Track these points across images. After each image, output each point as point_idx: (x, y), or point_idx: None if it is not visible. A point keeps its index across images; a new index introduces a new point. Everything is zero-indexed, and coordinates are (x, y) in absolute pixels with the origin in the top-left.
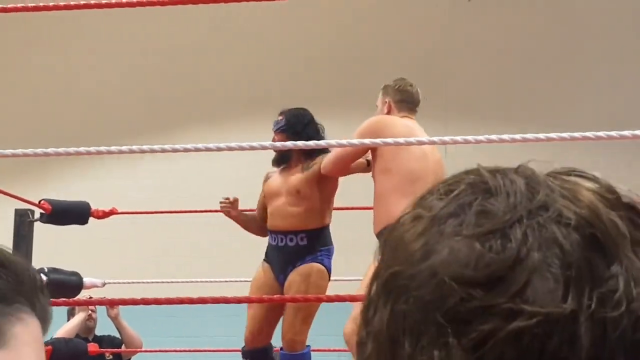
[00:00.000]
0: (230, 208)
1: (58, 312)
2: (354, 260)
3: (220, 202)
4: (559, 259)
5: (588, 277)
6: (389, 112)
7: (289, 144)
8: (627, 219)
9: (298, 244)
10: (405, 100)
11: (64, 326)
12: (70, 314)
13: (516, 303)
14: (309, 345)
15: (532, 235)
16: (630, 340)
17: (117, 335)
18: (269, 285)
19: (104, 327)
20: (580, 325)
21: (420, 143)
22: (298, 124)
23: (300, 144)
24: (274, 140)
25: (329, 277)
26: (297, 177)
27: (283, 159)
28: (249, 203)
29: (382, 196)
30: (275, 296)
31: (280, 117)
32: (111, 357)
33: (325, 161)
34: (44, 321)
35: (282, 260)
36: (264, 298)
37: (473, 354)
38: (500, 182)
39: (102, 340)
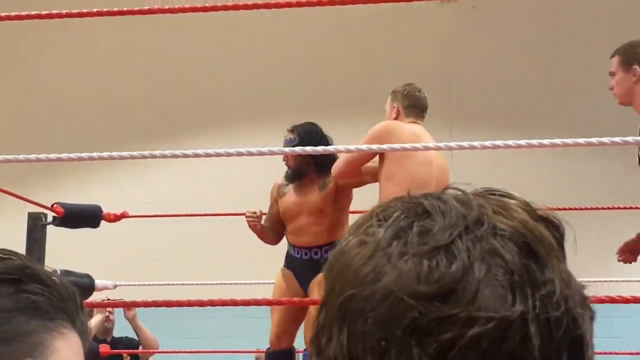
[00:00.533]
0: (257, 222)
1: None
2: None
3: (247, 216)
4: (502, 268)
5: (528, 281)
6: (397, 117)
7: (298, 149)
8: (549, 230)
9: (322, 256)
10: (413, 105)
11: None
12: (89, 316)
13: (471, 311)
14: None
15: (473, 248)
16: (571, 337)
17: (135, 336)
18: (292, 291)
19: (122, 329)
20: (529, 326)
21: (427, 148)
22: (311, 140)
23: (309, 149)
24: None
25: None
26: (315, 195)
27: (298, 175)
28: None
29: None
30: (295, 299)
31: (292, 135)
32: (129, 358)
33: (335, 166)
34: (84, 336)
35: (307, 271)
36: (282, 300)
37: None
38: (433, 203)
39: (120, 342)
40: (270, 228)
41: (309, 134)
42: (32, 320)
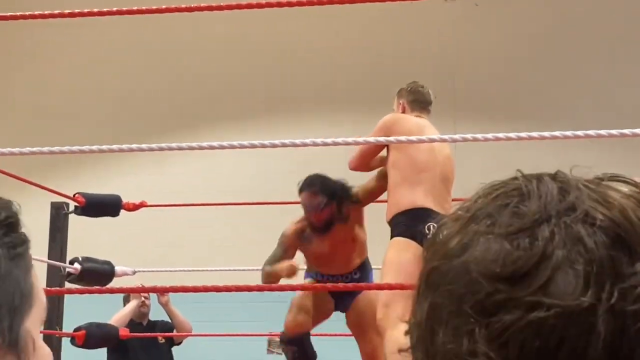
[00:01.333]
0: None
1: (113, 298)
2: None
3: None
4: (582, 257)
5: (610, 273)
6: (403, 112)
7: (308, 141)
8: None
9: (352, 279)
10: (417, 100)
11: (119, 312)
12: (126, 301)
13: (537, 296)
14: None
15: (558, 234)
16: (627, 334)
17: (169, 320)
18: (320, 297)
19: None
20: (598, 318)
21: (431, 141)
22: (334, 189)
23: (330, 141)
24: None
25: None
26: (343, 229)
27: (328, 227)
28: (270, 196)
29: (392, 188)
30: (338, 284)
31: (318, 197)
32: (164, 340)
33: (350, 159)
34: None
35: (338, 293)
36: (317, 286)
37: (495, 342)
38: (534, 186)
39: (156, 325)
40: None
41: (328, 185)
42: None
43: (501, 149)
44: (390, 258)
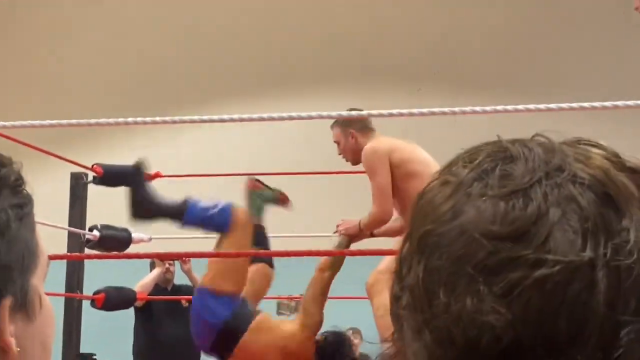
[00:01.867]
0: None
1: (130, 263)
2: None
3: None
4: (577, 214)
5: (603, 229)
6: (355, 141)
7: (314, 114)
8: (632, 180)
9: None
10: (363, 123)
11: (144, 278)
12: (152, 266)
13: (540, 253)
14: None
15: (551, 194)
16: (623, 287)
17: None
18: None
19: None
20: (597, 272)
21: (432, 113)
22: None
23: (335, 114)
24: None
25: None
26: None
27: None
28: (275, 166)
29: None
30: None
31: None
32: (187, 304)
33: (377, 209)
34: None
35: None
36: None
37: (503, 299)
38: (519, 149)
39: (180, 289)
40: None
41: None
42: None
43: (500, 122)
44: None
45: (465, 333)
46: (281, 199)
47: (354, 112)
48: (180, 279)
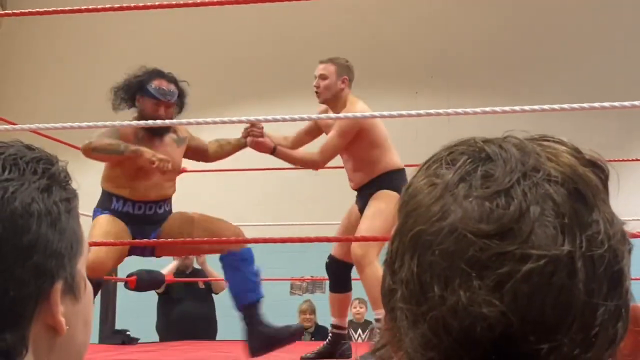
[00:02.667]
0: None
1: None
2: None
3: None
4: (554, 211)
5: (577, 223)
6: (343, 88)
7: (323, 115)
8: (595, 174)
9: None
10: (352, 79)
11: (167, 266)
12: None
13: (525, 248)
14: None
15: (529, 193)
16: (612, 270)
17: None
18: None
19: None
20: (576, 263)
21: (428, 114)
22: None
23: (351, 115)
24: None
25: None
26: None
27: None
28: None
29: (383, 153)
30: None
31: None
32: (203, 285)
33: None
34: None
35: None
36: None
37: (495, 292)
38: (495, 150)
39: (198, 273)
40: None
41: None
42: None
43: (488, 122)
44: (384, 208)
45: (460, 324)
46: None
47: (358, 114)
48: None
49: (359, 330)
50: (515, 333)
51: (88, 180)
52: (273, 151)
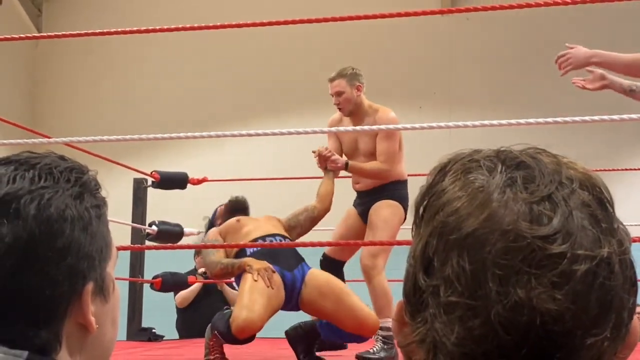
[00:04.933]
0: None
1: (182, 252)
2: None
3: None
4: (592, 216)
5: (608, 229)
6: (359, 93)
7: (342, 128)
8: None
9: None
10: (364, 82)
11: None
12: (197, 254)
13: (575, 249)
14: None
15: (569, 200)
16: (631, 272)
17: None
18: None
19: None
20: (614, 264)
21: (431, 127)
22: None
23: (359, 128)
24: None
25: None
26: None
27: None
28: (305, 173)
29: (397, 162)
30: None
31: None
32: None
33: (386, 167)
34: None
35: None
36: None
37: (552, 289)
38: (530, 159)
39: None
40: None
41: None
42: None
43: (489, 134)
44: (390, 219)
45: (519, 318)
46: None
47: (365, 127)
48: None
49: None
50: (567, 328)
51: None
52: (346, 166)
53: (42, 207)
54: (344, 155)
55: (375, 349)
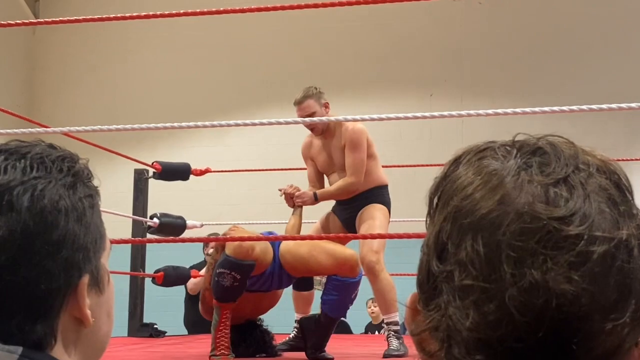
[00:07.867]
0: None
1: (185, 246)
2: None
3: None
4: (610, 200)
5: (627, 212)
6: (327, 111)
7: (333, 118)
8: None
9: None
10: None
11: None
12: (206, 246)
13: (592, 231)
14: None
15: (586, 183)
16: None
17: None
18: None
19: None
20: (633, 247)
21: (442, 116)
22: None
23: (367, 116)
24: None
25: None
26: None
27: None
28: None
29: (373, 169)
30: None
31: None
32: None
33: (356, 180)
34: None
35: None
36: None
37: (570, 271)
38: (546, 144)
39: None
40: None
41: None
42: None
43: (499, 123)
44: (382, 219)
45: (536, 300)
46: None
47: (374, 116)
48: None
49: (376, 332)
50: (584, 312)
51: (114, 180)
52: (315, 198)
53: (35, 199)
54: (325, 176)
55: (395, 346)
